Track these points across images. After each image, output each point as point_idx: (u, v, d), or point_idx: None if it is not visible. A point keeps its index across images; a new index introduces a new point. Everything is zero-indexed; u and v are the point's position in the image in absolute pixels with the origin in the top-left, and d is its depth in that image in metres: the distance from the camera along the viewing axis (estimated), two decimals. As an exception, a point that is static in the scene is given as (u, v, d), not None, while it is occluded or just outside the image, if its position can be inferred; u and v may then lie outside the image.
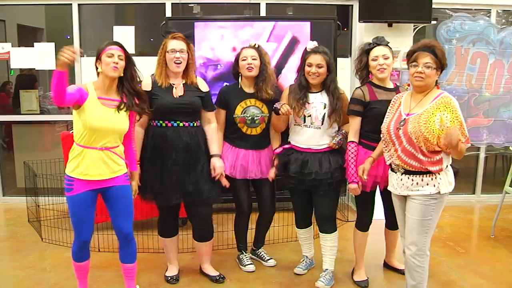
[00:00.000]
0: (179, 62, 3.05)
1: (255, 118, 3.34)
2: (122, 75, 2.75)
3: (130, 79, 2.79)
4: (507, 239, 4.28)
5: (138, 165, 3.07)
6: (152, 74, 3.15)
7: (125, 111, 2.77)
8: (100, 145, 2.68)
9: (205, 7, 5.25)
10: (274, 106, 3.13)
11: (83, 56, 5.03)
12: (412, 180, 2.67)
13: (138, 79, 2.88)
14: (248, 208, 3.50)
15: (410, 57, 2.69)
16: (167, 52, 3.06)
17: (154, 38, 5.48)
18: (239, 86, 3.38)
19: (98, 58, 2.71)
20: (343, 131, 3.20)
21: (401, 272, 3.46)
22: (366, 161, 2.98)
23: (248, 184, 3.49)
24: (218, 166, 3.20)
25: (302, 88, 3.17)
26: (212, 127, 3.26)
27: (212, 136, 3.25)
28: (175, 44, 3.05)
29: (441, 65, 2.64)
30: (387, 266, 3.62)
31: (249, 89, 3.36)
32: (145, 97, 2.90)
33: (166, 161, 3.06)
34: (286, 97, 3.23)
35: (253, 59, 3.27)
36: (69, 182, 2.71)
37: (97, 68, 2.74)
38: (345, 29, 5.20)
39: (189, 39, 3.19)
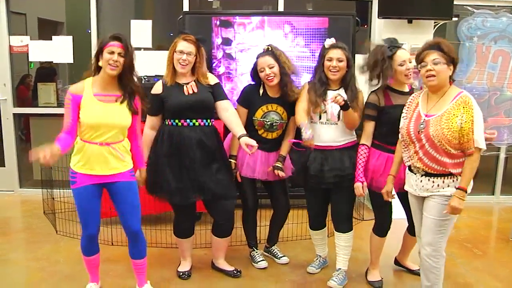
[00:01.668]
0: (185, 64, 3.05)
1: (274, 124, 3.31)
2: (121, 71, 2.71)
3: (128, 72, 2.73)
4: (526, 242, 4.19)
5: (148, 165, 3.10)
6: (161, 79, 3.16)
7: (126, 105, 2.74)
8: (101, 140, 2.67)
9: (224, 2, 5.22)
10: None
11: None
12: (433, 182, 2.62)
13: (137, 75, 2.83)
14: (253, 205, 3.48)
15: (418, 58, 2.63)
16: (175, 51, 3.06)
17: (172, 32, 5.47)
18: (264, 88, 3.34)
19: (100, 52, 2.67)
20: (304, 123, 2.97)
21: (414, 272, 3.43)
22: (388, 182, 2.92)
23: (255, 181, 3.46)
24: (252, 141, 2.97)
25: (323, 83, 3.11)
26: (231, 112, 3.16)
27: (233, 119, 3.14)
28: (183, 46, 3.05)
29: (451, 59, 2.56)
30: (398, 264, 3.57)
31: (273, 94, 3.32)
32: (142, 94, 2.86)
33: (185, 160, 3.04)
34: (305, 94, 3.15)
35: (270, 68, 3.21)
36: (73, 175, 2.73)
37: (97, 60, 2.69)
38: (365, 26, 5.13)
39: (203, 43, 3.16)
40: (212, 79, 3.22)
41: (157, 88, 3.14)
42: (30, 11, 5.72)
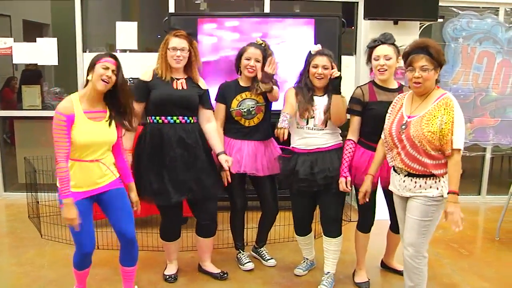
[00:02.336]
0: (179, 60, 3.04)
1: (251, 109, 3.31)
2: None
3: (120, 92, 2.69)
4: (512, 241, 4.22)
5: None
6: (154, 69, 3.13)
7: (114, 121, 2.72)
8: (91, 158, 2.65)
9: (211, 4, 5.21)
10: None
11: (86, 52, 5.01)
12: (415, 182, 2.63)
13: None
14: (242, 205, 3.47)
15: (406, 59, 2.61)
16: (168, 49, 3.05)
17: (160, 34, 5.45)
18: (237, 81, 3.38)
19: (92, 67, 2.63)
20: (286, 114, 3.00)
21: (400, 273, 3.39)
22: (366, 181, 2.92)
23: (244, 181, 3.45)
24: (229, 159, 3.13)
25: (309, 89, 3.12)
26: (212, 126, 3.22)
27: (213, 135, 3.21)
28: (176, 42, 3.03)
29: (439, 63, 2.55)
30: (384, 266, 3.58)
31: (245, 83, 3.34)
32: (132, 112, 2.80)
33: (165, 159, 3.02)
34: (292, 97, 3.14)
35: (256, 61, 3.24)
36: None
37: (87, 75, 2.65)
38: (352, 27, 5.14)
39: (193, 36, 3.16)
40: (203, 85, 3.22)
41: (147, 75, 3.10)
42: (15, 13, 5.66)
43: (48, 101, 5.55)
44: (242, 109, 3.31)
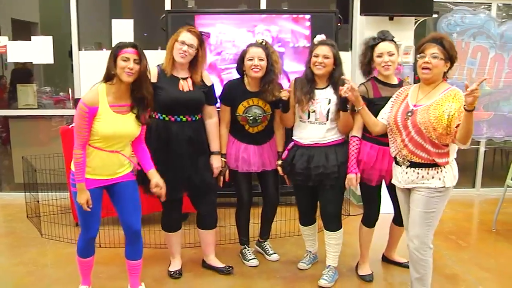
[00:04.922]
0: (184, 55, 3.01)
1: (257, 118, 3.30)
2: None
3: (142, 81, 2.67)
4: (508, 233, 4.29)
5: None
6: (158, 65, 3.11)
7: (136, 116, 2.71)
8: (112, 149, 2.67)
9: (200, 1, 5.20)
10: (281, 104, 3.13)
11: (82, 50, 4.97)
12: (418, 173, 2.66)
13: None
14: (248, 199, 3.48)
15: (419, 49, 2.68)
16: (177, 41, 3.02)
17: (149, 32, 5.44)
18: (243, 83, 3.32)
19: (114, 60, 2.59)
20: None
21: (402, 265, 3.48)
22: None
23: (250, 177, 3.47)
24: (215, 166, 3.22)
25: (309, 81, 3.13)
26: (213, 122, 3.24)
27: (212, 131, 3.23)
28: (186, 37, 3.01)
29: (449, 56, 2.62)
30: (385, 260, 3.62)
31: (252, 88, 3.30)
32: (151, 105, 2.80)
33: (170, 154, 3.04)
34: (293, 90, 3.18)
35: (260, 59, 3.19)
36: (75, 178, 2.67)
37: (110, 70, 2.61)
38: (340, 24, 5.14)
39: (206, 38, 3.15)
40: (208, 80, 3.20)
41: (153, 75, 3.02)
42: (3, 12, 5.63)
43: (40, 100, 5.51)
44: (248, 116, 3.29)
